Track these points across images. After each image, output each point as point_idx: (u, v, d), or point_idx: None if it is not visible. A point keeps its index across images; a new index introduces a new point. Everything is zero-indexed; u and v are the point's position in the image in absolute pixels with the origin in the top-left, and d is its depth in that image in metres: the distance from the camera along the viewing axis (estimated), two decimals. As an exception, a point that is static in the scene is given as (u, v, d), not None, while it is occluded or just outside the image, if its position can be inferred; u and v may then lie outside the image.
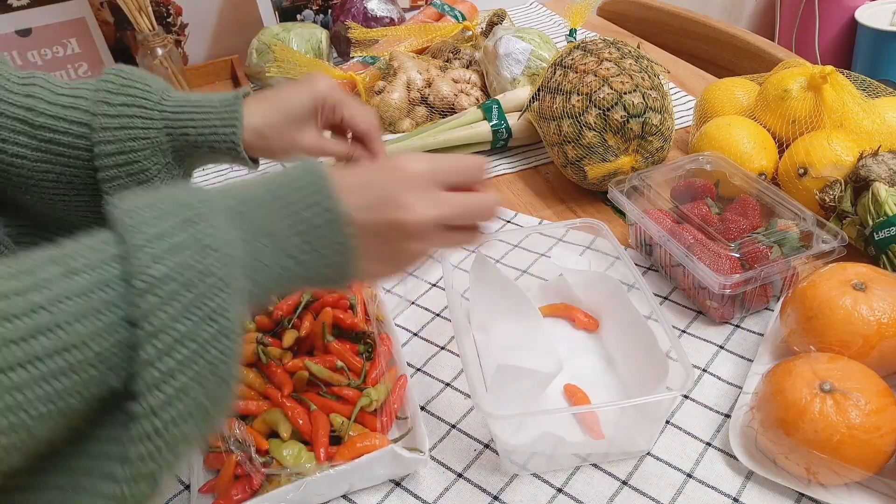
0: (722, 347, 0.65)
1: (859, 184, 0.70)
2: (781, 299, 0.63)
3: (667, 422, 0.58)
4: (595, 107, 0.81)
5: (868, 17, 2.06)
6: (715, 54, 1.28)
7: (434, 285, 0.77)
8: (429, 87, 1.07)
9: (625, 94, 0.80)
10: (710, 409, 0.59)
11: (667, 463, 0.55)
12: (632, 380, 0.61)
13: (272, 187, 0.41)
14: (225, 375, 0.35)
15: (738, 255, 0.63)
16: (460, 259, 0.79)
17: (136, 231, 0.34)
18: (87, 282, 0.32)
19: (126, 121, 0.59)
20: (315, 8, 1.35)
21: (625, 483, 0.54)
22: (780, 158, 0.79)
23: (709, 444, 0.57)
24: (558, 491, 0.54)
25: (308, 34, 1.24)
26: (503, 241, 0.80)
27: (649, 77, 0.83)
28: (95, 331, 0.32)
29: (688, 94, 1.11)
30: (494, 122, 0.97)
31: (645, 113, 0.80)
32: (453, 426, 0.60)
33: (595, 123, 0.81)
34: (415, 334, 0.71)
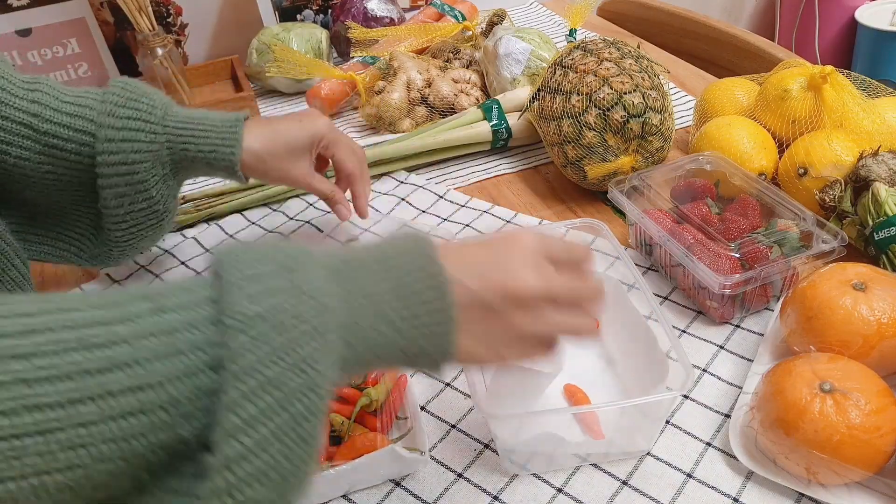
0: (722, 347, 0.65)
1: (859, 184, 0.70)
2: (781, 299, 0.63)
3: (667, 422, 0.58)
4: (595, 107, 0.81)
5: (868, 17, 2.06)
6: (715, 54, 1.28)
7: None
8: (429, 87, 1.07)
9: (625, 94, 0.80)
10: (710, 409, 0.59)
11: (667, 463, 0.55)
12: (632, 380, 0.61)
13: (375, 251, 0.40)
14: (307, 435, 0.33)
15: (738, 255, 0.63)
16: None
17: (233, 271, 0.33)
18: (176, 321, 0.31)
19: (131, 134, 0.61)
20: (315, 8, 1.36)
21: (625, 483, 0.54)
22: (780, 158, 0.79)
23: (709, 444, 0.57)
24: (558, 491, 0.54)
25: (308, 34, 1.24)
26: (503, 241, 0.80)
27: (649, 77, 0.83)
28: (175, 372, 0.30)
29: (688, 94, 1.11)
30: (494, 122, 0.97)
31: (645, 113, 0.80)
32: (453, 426, 0.60)
33: (595, 123, 0.81)
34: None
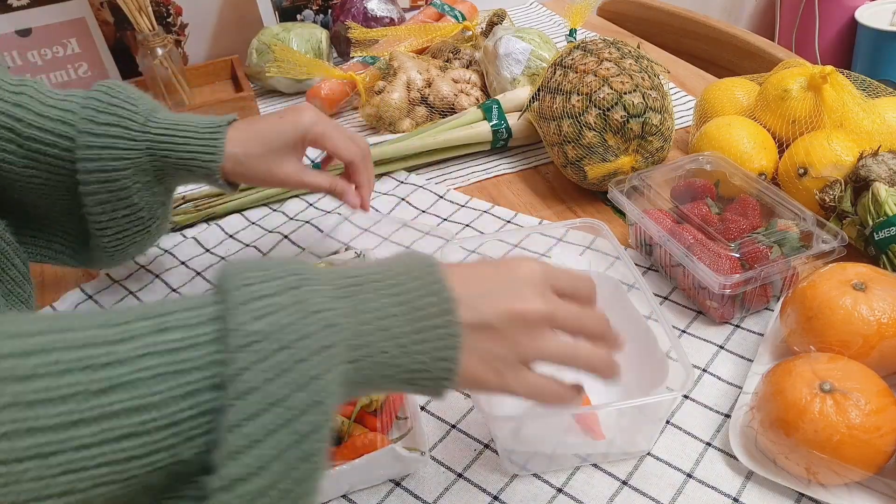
0: (722, 347, 0.65)
1: (859, 184, 0.70)
2: (781, 299, 0.63)
3: (667, 422, 0.58)
4: (595, 107, 0.81)
5: (868, 17, 2.06)
6: (715, 54, 1.28)
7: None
8: (429, 87, 1.07)
9: (625, 94, 0.80)
10: (710, 409, 0.59)
11: (667, 463, 0.56)
12: (632, 380, 0.61)
13: (381, 269, 0.40)
14: (312, 453, 0.32)
15: (738, 255, 0.63)
16: (460, 259, 0.80)
17: (238, 289, 0.33)
18: (177, 340, 0.31)
19: (109, 140, 0.59)
20: (315, 8, 1.36)
21: (625, 483, 0.54)
22: (780, 158, 0.79)
23: (709, 444, 0.57)
24: (558, 491, 0.54)
25: (308, 34, 1.24)
26: (503, 241, 0.80)
27: (649, 77, 0.83)
28: (177, 392, 0.30)
29: (688, 94, 1.11)
30: (494, 122, 0.97)
31: (645, 113, 0.80)
32: (453, 426, 0.60)
33: (595, 123, 0.81)
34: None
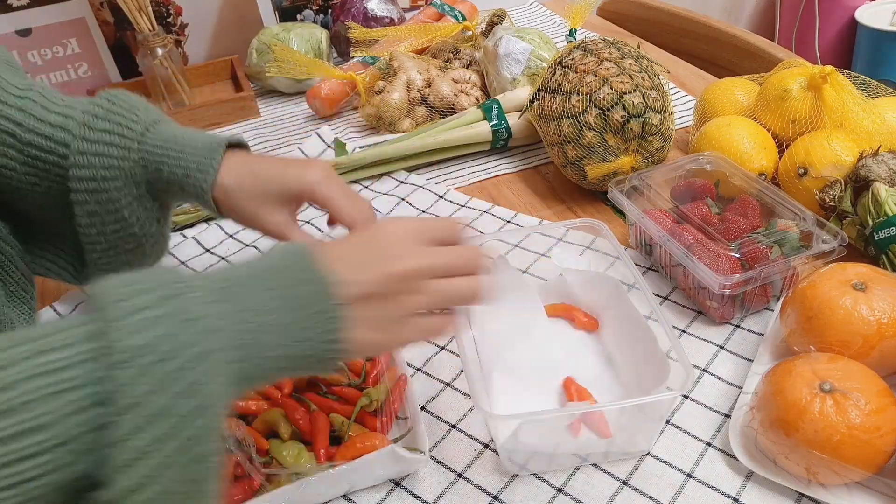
0: (722, 347, 0.65)
1: (859, 184, 0.70)
2: (781, 299, 0.63)
3: (667, 422, 0.58)
4: (595, 107, 0.81)
5: (868, 17, 2.06)
6: (715, 54, 1.28)
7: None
8: (429, 87, 1.07)
9: (625, 94, 0.80)
10: (710, 409, 0.59)
11: (667, 463, 0.55)
12: (632, 380, 0.61)
13: (255, 265, 0.40)
14: (202, 456, 0.33)
15: (738, 255, 0.63)
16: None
17: (112, 306, 0.33)
18: (58, 360, 0.31)
19: (103, 148, 0.57)
20: (315, 8, 1.36)
21: (625, 483, 0.54)
22: (780, 158, 0.79)
23: (709, 444, 0.57)
24: (558, 491, 0.54)
25: (308, 34, 1.24)
26: (503, 241, 0.80)
27: (649, 77, 0.83)
28: (63, 411, 0.31)
29: (688, 94, 1.11)
30: (494, 122, 0.97)
31: (645, 113, 0.80)
32: (453, 426, 0.60)
33: (595, 123, 0.81)
34: (415, 334, 0.71)
